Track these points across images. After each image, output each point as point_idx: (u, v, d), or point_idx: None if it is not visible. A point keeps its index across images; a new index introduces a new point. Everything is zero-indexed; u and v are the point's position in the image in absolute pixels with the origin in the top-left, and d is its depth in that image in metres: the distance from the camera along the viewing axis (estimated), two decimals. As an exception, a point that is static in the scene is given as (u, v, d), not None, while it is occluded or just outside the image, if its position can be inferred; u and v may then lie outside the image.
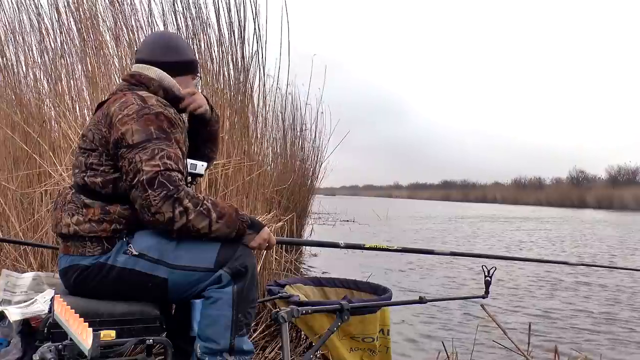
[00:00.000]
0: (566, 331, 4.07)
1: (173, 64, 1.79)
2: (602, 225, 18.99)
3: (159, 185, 1.53)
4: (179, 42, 1.89)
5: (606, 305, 5.08)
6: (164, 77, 1.77)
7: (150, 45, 1.82)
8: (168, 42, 1.82)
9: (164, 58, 1.78)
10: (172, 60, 1.79)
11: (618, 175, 53.50)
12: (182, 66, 1.82)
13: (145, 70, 1.76)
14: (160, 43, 1.82)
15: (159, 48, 1.80)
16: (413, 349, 3.51)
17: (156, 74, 1.76)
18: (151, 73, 1.76)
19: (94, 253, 1.61)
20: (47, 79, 3.50)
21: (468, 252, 3.74)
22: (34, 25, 3.49)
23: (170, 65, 1.78)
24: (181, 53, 1.82)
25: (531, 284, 6.09)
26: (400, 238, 11.34)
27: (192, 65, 1.86)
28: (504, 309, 4.74)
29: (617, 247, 10.78)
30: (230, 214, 1.63)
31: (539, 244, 11.15)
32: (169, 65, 1.78)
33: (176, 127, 1.66)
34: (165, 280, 1.62)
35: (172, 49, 1.80)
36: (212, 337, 1.62)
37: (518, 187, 64.55)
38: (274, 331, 2.83)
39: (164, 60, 1.78)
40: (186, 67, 1.83)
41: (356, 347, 2.54)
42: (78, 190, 1.67)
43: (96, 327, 1.25)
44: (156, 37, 1.93)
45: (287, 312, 1.89)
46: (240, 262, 1.65)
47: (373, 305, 2.50)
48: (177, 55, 1.80)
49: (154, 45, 1.82)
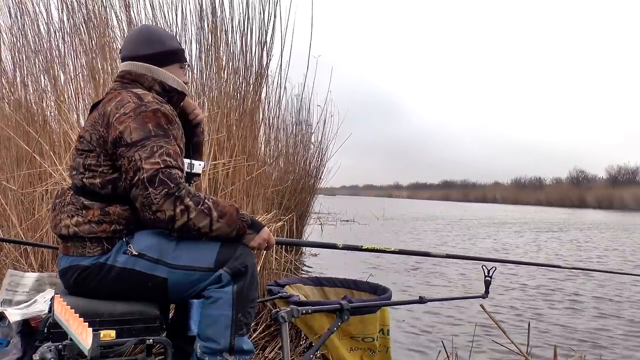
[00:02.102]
0: (566, 331, 4.07)
1: (157, 55, 1.77)
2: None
3: (159, 183, 1.52)
4: (160, 33, 1.87)
5: (606, 305, 5.08)
6: (154, 70, 1.75)
7: (133, 40, 1.80)
8: (150, 34, 1.80)
9: (148, 50, 1.76)
10: (156, 51, 1.76)
11: (618, 175, 53.51)
12: (167, 55, 1.79)
13: (133, 67, 1.75)
14: (143, 36, 1.80)
15: (141, 42, 1.77)
16: (413, 349, 3.51)
17: (145, 68, 1.74)
18: (139, 69, 1.74)
19: (94, 253, 1.61)
20: (47, 78, 3.50)
21: (464, 254, 3.73)
22: (35, 23, 3.49)
23: (155, 57, 1.76)
24: (164, 43, 1.79)
25: (531, 284, 6.09)
26: (410, 243, 11.13)
27: (177, 54, 1.83)
28: (503, 309, 4.74)
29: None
30: (231, 213, 1.63)
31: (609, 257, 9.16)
32: (154, 57, 1.76)
33: (173, 123, 1.65)
34: (165, 280, 1.62)
35: (154, 41, 1.78)
36: (212, 336, 1.62)
37: (518, 187, 64.58)
38: (274, 331, 2.83)
39: (148, 52, 1.75)
40: (171, 56, 1.80)
41: (356, 347, 2.54)
42: (77, 192, 1.66)
43: (96, 327, 1.26)
44: (137, 31, 1.90)
45: (287, 312, 1.89)
46: (240, 262, 1.64)
47: (373, 305, 2.50)
48: (160, 45, 1.78)
49: (136, 39, 1.79)
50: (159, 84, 1.75)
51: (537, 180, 64.89)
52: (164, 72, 1.77)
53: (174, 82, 1.78)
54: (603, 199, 45.15)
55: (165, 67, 1.78)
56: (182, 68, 1.85)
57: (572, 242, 11.97)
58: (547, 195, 54.49)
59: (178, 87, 1.79)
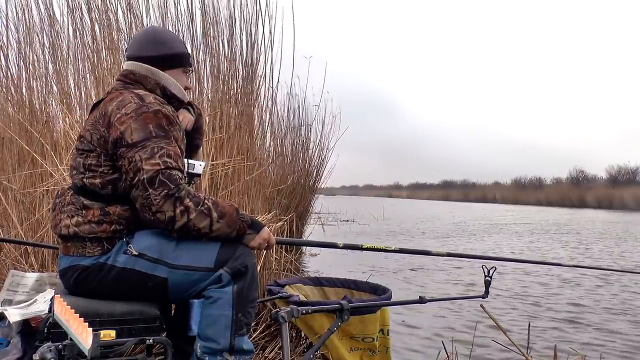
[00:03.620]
0: (565, 331, 4.07)
1: (161, 58, 1.76)
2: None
3: (159, 184, 1.53)
4: (167, 35, 1.85)
5: (606, 305, 5.08)
6: (156, 73, 1.74)
7: (139, 40, 1.79)
8: (156, 36, 1.79)
9: (153, 52, 1.75)
10: (161, 54, 1.75)
11: (618, 175, 53.47)
12: (172, 59, 1.78)
13: (136, 67, 1.74)
14: (148, 37, 1.79)
15: (146, 43, 1.76)
16: (413, 349, 3.51)
17: (148, 70, 1.74)
18: (142, 70, 1.74)
19: (94, 253, 1.61)
20: (50, 78, 3.50)
21: (465, 253, 3.75)
22: (35, 23, 3.49)
23: (158, 59, 1.75)
24: (170, 46, 1.78)
25: (531, 284, 6.09)
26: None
27: (182, 58, 1.81)
28: (503, 309, 4.75)
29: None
30: (231, 214, 1.63)
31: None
32: (157, 59, 1.75)
33: (174, 124, 1.65)
34: (165, 280, 1.62)
35: (160, 43, 1.77)
36: (212, 336, 1.63)
37: (518, 187, 64.51)
38: (274, 331, 2.83)
39: (153, 54, 1.75)
40: (176, 60, 1.79)
41: (356, 347, 2.54)
42: (77, 192, 1.66)
43: (96, 327, 1.25)
44: (144, 32, 1.89)
45: (287, 312, 1.89)
46: (240, 262, 1.65)
47: (373, 305, 2.50)
48: (165, 48, 1.77)
49: (142, 40, 1.79)
50: (160, 88, 1.75)
51: (537, 180, 64.86)
52: (166, 76, 1.76)
53: (175, 89, 1.78)
54: (603, 199, 45.11)
55: (168, 70, 1.77)
56: (185, 73, 1.84)
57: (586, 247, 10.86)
58: (547, 195, 54.44)
59: (178, 94, 1.79)
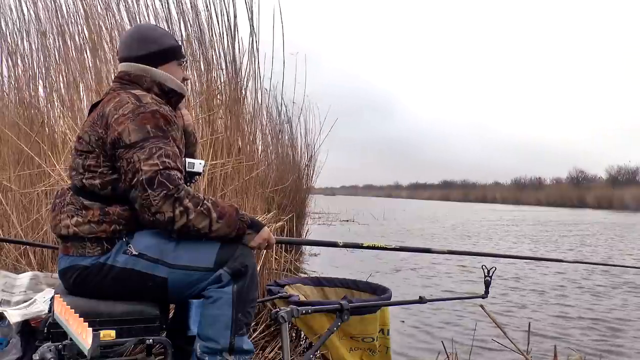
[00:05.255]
0: (565, 331, 4.07)
1: (153, 55, 1.75)
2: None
3: (158, 184, 1.52)
4: (154, 31, 1.84)
5: (606, 305, 5.08)
6: (150, 72, 1.74)
7: (126, 42, 1.78)
8: (142, 34, 1.78)
9: (143, 51, 1.74)
10: (151, 51, 1.75)
11: (618, 175, 53.48)
12: (163, 54, 1.77)
13: (131, 68, 1.74)
14: (135, 37, 1.78)
15: (135, 42, 1.76)
16: (413, 349, 3.51)
17: (142, 69, 1.73)
18: (137, 70, 1.73)
19: (94, 253, 1.61)
20: (46, 79, 3.50)
21: (465, 250, 3.74)
22: (33, 24, 3.49)
23: (150, 57, 1.74)
24: (158, 42, 1.77)
25: (531, 285, 6.09)
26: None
27: (173, 51, 1.80)
28: (503, 309, 4.75)
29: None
30: (230, 214, 1.63)
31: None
32: (149, 57, 1.74)
33: (172, 124, 1.65)
34: (165, 280, 1.62)
35: (148, 41, 1.76)
36: (212, 336, 1.62)
37: (518, 187, 64.52)
38: (274, 331, 2.83)
39: (144, 53, 1.74)
40: (167, 54, 1.78)
41: (356, 347, 2.54)
42: (77, 192, 1.66)
43: (96, 327, 1.25)
44: (129, 32, 1.88)
45: (287, 312, 1.89)
46: (240, 262, 1.64)
47: (373, 305, 2.50)
48: (155, 45, 1.76)
49: (129, 41, 1.78)
50: (157, 86, 1.74)
51: (537, 180, 64.91)
52: (161, 73, 1.75)
53: (172, 83, 1.77)
54: (603, 199, 45.09)
55: (161, 66, 1.76)
56: (180, 65, 1.83)
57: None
58: (547, 195, 54.45)
59: (176, 88, 1.78)
